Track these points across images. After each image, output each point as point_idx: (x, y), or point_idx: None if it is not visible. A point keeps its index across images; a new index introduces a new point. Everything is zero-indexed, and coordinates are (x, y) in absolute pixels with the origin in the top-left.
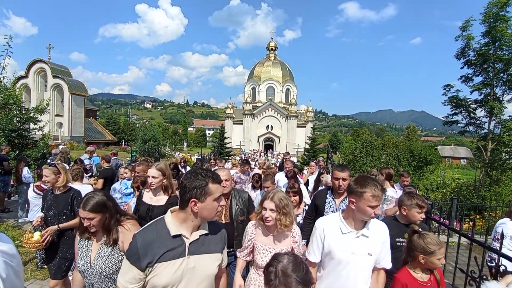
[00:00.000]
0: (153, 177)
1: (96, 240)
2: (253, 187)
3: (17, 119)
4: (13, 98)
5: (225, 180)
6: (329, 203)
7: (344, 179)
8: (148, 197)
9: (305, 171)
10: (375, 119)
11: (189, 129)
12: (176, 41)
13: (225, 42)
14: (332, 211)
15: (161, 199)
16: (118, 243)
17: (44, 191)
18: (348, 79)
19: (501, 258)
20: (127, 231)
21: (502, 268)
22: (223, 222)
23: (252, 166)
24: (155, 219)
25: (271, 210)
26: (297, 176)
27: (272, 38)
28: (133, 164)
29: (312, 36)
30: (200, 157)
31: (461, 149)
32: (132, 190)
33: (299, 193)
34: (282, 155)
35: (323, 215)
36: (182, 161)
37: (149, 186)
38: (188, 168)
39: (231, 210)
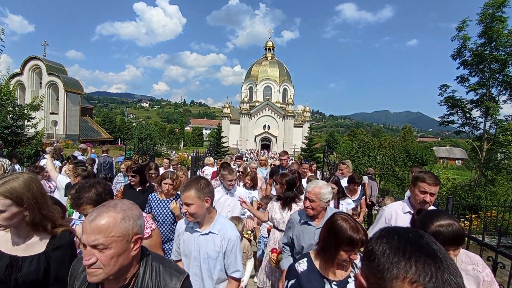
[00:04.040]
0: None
1: None
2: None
3: (10, 115)
4: (6, 95)
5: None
6: None
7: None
8: (5, 242)
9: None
10: (372, 119)
11: (186, 128)
12: (174, 40)
13: (223, 42)
14: None
15: (35, 244)
16: None
17: None
18: (345, 79)
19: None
20: None
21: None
22: None
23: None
24: None
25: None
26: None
27: (269, 38)
28: None
29: (310, 37)
30: (195, 155)
31: (456, 150)
32: None
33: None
34: (278, 155)
35: None
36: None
37: None
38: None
39: None
